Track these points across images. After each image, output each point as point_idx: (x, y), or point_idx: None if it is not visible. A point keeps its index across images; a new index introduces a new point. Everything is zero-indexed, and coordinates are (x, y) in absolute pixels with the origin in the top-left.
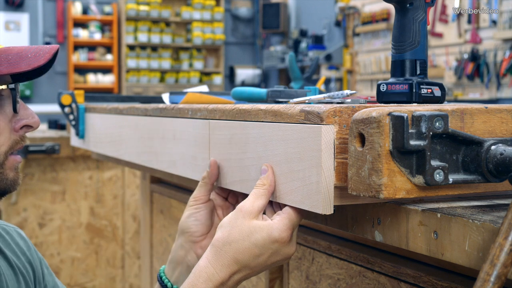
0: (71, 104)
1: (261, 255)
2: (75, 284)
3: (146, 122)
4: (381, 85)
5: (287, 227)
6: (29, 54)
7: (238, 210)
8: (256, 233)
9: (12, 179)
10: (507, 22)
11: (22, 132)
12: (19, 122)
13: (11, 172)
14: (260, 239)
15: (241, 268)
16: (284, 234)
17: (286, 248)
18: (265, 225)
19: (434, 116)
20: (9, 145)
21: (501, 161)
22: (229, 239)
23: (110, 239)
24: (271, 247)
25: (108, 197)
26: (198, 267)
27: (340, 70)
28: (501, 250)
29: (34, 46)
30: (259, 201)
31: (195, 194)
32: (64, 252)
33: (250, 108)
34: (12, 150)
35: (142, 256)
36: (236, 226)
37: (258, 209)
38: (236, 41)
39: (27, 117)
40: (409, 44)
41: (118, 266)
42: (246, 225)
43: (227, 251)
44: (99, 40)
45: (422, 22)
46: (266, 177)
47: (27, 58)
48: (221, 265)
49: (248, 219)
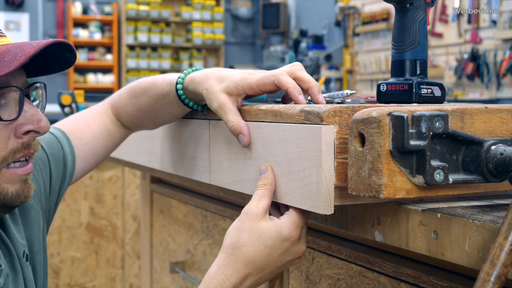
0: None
1: (272, 255)
2: (75, 284)
3: None
4: (381, 85)
5: (295, 226)
6: (6, 57)
7: (244, 214)
8: (265, 234)
9: (15, 193)
10: (507, 22)
11: (27, 138)
12: (21, 127)
13: (12, 185)
14: (270, 239)
15: (253, 271)
16: (293, 233)
17: (296, 247)
18: (273, 225)
19: (434, 116)
20: (2, 156)
21: (501, 161)
22: (238, 244)
23: (110, 239)
24: (281, 247)
25: (108, 197)
26: (209, 275)
27: (340, 70)
28: (501, 250)
29: (24, 44)
30: (263, 201)
31: None
32: (64, 252)
33: (250, 108)
34: (10, 160)
35: (142, 256)
36: (244, 230)
37: (263, 209)
38: (236, 41)
39: (31, 121)
40: (409, 44)
41: (118, 266)
42: (254, 227)
43: (237, 256)
44: (99, 40)
45: (422, 22)
46: (266, 176)
47: (3, 62)
48: (232, 270)
49: (255, 221)
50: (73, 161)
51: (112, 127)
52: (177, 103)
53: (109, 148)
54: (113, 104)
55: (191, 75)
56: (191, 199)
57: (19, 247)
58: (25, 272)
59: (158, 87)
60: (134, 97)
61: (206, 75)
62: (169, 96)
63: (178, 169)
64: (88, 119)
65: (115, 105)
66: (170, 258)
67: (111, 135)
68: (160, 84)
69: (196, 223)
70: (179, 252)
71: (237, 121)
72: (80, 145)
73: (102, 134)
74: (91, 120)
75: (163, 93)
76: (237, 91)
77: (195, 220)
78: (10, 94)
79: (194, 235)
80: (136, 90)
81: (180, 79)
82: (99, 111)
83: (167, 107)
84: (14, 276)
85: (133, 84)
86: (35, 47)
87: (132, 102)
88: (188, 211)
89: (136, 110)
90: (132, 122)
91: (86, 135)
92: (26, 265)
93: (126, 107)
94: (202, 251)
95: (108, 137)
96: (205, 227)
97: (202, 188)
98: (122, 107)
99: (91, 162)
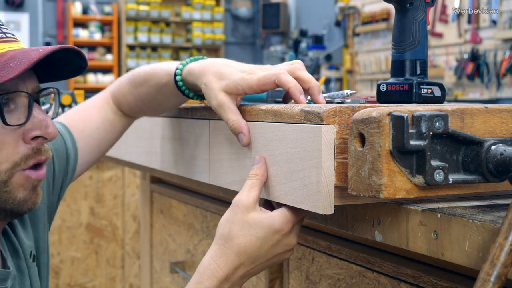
0: (71, 104)
1: (263, 247)
2: (75, 284)
3: (146, 122)
4: (381, 85)
5: (287, 220)
6: (12, 63)
7: (235, 205)
8: (257, 226)
9: (23, 198)
10: (507, 22)
11: (35, 144)
12: (29, 132)
13: (23, 190)
14: (261, 231)
15: (244, 261)
16: (284, 226)
17: (287, 239)
18: (265, 217)
19: (434, 116)
20: (14, 161)
21: (501, 161)
22: (230, 235)
23: (110, 239)
24: (271, 239)
25: (108, 197)
26: (202, 265)
27: (340, 70)
28: (501, 250)
29: (31, 50)
30: (253, 192)
31: None
32: (64, 252)
33: (250, 108)
34: (22, 166)
35: (142, 256)
36: (236, 222)
37: (254, 200)
38: (236, 41)
39: (39, 126)
40: (409, 44)
41: (118, 266)
42: (245, 219)
43: (229, 247)
44: (99, 40)
45: (422, 22)
46: (259, 167)
47: (8, 67)
48: (224, 261)
49: (246, 213)
50: (76, 155)
51: (113, 117)
52: (176, 93)
53: (111, 139)
54: (113, 93)
55: (189, 66)
56: (191, 199)
57: (26, 248)
58: (31, 272)
59: (158, 77)
60: (134, 86)
61: (204, 68)
62: (168, 86)
63: (178, 169)
64: (89, 110)
65: (115, 95)
66: (170, 258)
67: (113, 125)
68: (160, 74)
69: (196, 223)
70: (179, 252)
71: (237, 120)
72: (82, 138)
73: (103, 124)
74: (92, 111)
75: (163, 83)
76: (237, 91)
77: (195, 220)
78: (19, 99)
79: (194, 235)
80: (135, 79)
81: (179, 70)
82: (100, 102)
83: (168, 97)
84: (21, 278)
85: (133, 73)
86: (40, 52)
87: (131, 92)
88: (188, 211)
89: (136, 100)
90: (133, 110)
91: (88, 126)
92: (33, 265)
93: (126, 96)
94: (202, 251)
95: (110, 128)
96: (205, 227)
97: (202, 188)
98: (122, 96)
99: (94, 155)
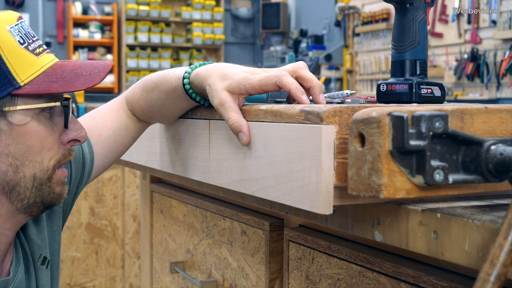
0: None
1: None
2: (75, 284)
3: None
4: (381, 85)
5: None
6: (84, 72)
7: None
8: None
9: (58, 193)
10: (507, 22)
11: (69, 145)
12: (67, 135)
13: (58, 186)
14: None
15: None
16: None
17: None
18: None
19: (434, 116)
20: (57, 159)
21: (501, 161)
22: None
23: (110, 239)
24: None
25: (108, 197)
26: None
27: (340, 70)
28: (501, 250)
29: (87, 62)
30: None
31: None
32: (64, 252)
33: (250, 108)
34: (60, 164)
35: (142, 256)
36: None
37: None
38: (236, 41)
39: (76, 131)
40: (409, 44)
41: (118, 266)
42: None
43: None
44: (99, 40)
45: (422, 22)
46: None
47: (82, 76)
48: None
49: None
50: (92, 160)
51: (128, 122)
52: (185, 97)
53: (126, 143)
54: (127, 98)
55: (196, 70)
56: (191, 199)
57: (35, 251)
58: (39, 275)
59: (168, 82)
60: (146, 91)
61: (209, 71)
62: (177, 91)
63: (178, 169)
64: (105, 115)
65: (129, 100)
66: (170, 258)
67: (128, 130)
68: (170, 79)
69: (196, 223)
70: (179, 252)
71: (238, 119)
72: (99, 142)
73: (119, 129)
74: (108, 116)
75: (172, 88)
76: (239, 90)
77: (195, 220)
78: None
79: (194, 235)
80: (147, 84)
81: (187, 74)
82: (116, 107)
83: (176, 101)
84: (27, 283)
85: (146, 78)
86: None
87: (144, 97)
88: (188, 211)
89: (147, 105)
90: (145, 115)
91: (104, 131)
92: (41, 268)
93: (139, 101)
94: (202, 251)
95: (126, 132)
96: (205, 227)
97: (202, 188)
98: (136, 101)
99: (110, 158)
